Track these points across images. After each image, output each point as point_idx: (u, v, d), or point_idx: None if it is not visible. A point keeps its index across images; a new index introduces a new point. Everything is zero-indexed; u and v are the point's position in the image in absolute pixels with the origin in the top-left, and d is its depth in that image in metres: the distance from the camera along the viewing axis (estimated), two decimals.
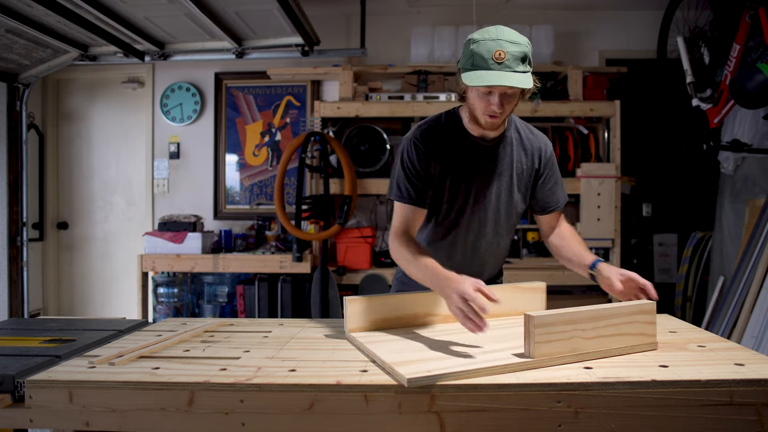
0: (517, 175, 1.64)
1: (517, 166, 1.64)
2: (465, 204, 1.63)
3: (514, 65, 1.39)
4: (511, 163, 1.63)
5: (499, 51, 1.38)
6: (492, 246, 1.70)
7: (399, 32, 4.10)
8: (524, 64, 1.42)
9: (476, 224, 1.65)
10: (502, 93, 1.45)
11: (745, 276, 2.91)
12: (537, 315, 1.20)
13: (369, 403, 1.10)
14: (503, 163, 1.63)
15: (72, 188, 4.48)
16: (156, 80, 4.33)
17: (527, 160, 1.65)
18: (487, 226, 1.66)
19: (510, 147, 1.63)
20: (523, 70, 1.41)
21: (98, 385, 1.15)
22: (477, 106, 1.50)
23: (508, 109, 1.49)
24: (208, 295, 3.92)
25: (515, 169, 1.64)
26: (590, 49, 4.19)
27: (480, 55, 1.40)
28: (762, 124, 3.13)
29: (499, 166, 1.62)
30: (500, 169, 1.62)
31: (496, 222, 1.66)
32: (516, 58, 1.39)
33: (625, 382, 1.10)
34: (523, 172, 1.65)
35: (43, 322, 1.73)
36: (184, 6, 2.82)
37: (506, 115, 1.52)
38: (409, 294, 1.58)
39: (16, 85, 3.59)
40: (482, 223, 1.65)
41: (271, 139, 4.28)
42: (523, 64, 1.41)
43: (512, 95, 1.47)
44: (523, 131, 1.67)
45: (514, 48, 1.40)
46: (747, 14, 2.97)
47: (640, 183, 4.14)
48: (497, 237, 1.69)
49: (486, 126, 1.54)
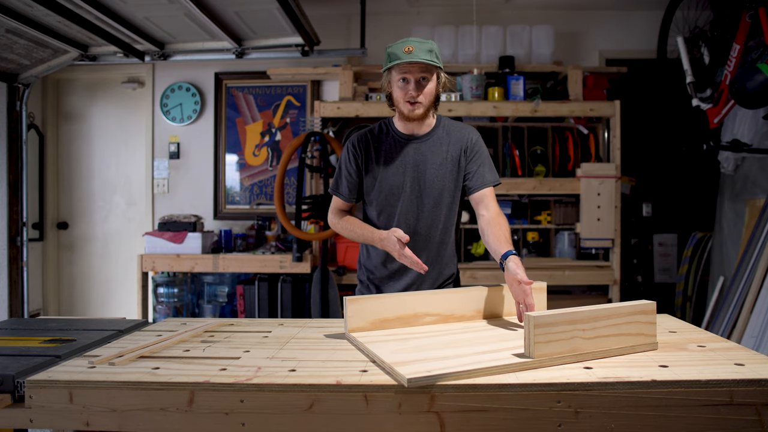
0: (449, 164, 1.84)
1: (447, 157, 1.85)
2: (401, 192, 1.83)
3: (421, 55, 1.69)
4: (442, 155, 1.84)
5: (408, 46, 1.70)
6: (432, 229, 1.85)
7: (399, 32, 4.09)
8: (431, 54, 1.71)
9: (413, 209, 1.84)
10: (417, 80, 1.73)
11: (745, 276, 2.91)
12: (537, 315, 1.20)
13: (369, 403, 1.10)
14: (434, 155, 1.84)
15: (72, 188, 4.48)
16: (156, 80, 4.33)
17: (455, 150, 1.86)
18: (423, 211, 1.83)
19: (439, 141, 1.86)
20: (430, 57, 1.70)
21: (98, 385, 1.15)
22: (398, 97, 1.77)
23: (425, 95, 1.75)
24: (208, 295, 3.92)
25: (446, 160, 1.84)
26: (590, 49, 4.19)
27: (393, 53, 1.73)
28: (762, 124, 3.14)
29: (430, 157, 1.84)
30: (432, 160, 1.84)
31: (434, 206, 1.84)
32: (423, 50, 1.70)
33: (625, 382, 1.09)
34: (454, 160, 1.85)
35: (43, 322, 1.73)
36: (184, 6, 2.82)
37: (426, 103, 1.76)
38: (409, 294, 1.59)
39: (16, 85, 3.59)
40: (419, 208, 1.83)
41: (271, 139, 4.28)
42: (430, 54, 1.71)
43: (426, 81, 1.74)
44: (451, 127, 1.90)
45: (422, 45, 1.71)
46: (747, 14, 2.97)
47: (640, 183, 4.14)
48: (435, 221, 1.85)
49: (409, 114, 1.77)
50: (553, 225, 3.79)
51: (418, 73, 1.73)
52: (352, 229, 1.87)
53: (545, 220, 3.80)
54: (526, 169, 3.76)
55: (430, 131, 1.87)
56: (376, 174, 1.86)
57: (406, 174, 1.83)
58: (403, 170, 1.83)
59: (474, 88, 3.63)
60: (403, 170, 1.83)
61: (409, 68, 1.73)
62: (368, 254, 1.96)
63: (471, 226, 3.69)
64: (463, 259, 3.71)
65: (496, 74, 3.75)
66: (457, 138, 1.87)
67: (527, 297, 1.49)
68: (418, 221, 1.84)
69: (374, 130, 1.91)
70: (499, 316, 1.65)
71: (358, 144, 1.88)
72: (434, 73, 1.77)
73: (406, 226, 1.83)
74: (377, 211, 1.88)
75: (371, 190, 1.88)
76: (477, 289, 1.64)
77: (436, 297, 1.59)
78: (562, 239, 3.83)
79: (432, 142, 1.85)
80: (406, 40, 1.73)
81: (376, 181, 1.86)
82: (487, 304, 1.64)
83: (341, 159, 1.93)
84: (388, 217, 1.87)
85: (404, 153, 1.84)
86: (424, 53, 1.70)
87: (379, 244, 1.77)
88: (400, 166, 1.84)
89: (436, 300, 1.58)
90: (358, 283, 2.02)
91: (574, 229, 3.75)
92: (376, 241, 1.78)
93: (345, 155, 1.91)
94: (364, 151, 1.87)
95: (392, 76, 1.78)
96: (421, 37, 1.79)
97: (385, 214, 1.87)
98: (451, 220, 1.89)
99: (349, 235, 1.90)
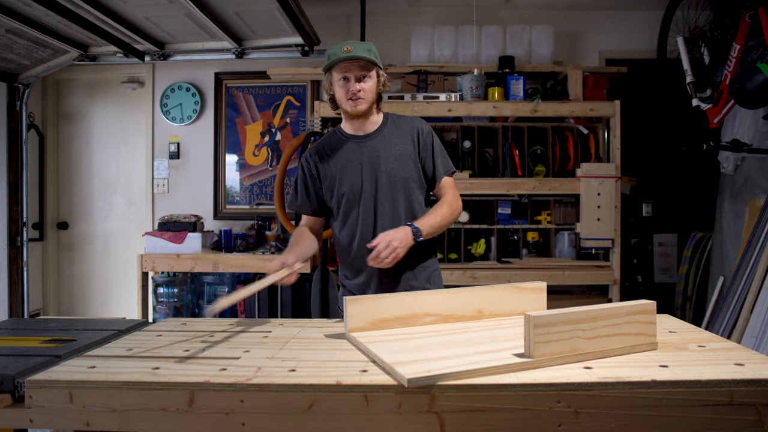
0: (405, 155, 1.87)
1: (402, 149, 1.88)
2: (361, 190, 1.85)
3: (359, 52, 1.75)
4: (397, 147, 1.87)
5: (347, 46, 1.76)
6: (395, 223, 1.84)
7: (399, 32, 4.10)
8: (369, 53, 1.77)
9: (372, 204, 1.85)
10: (357, 78, 1.78)
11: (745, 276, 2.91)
12: (537, 315, 1.20)
13: (369, 403, 1.10)
14: (387, 149, 1.87)
15: (72, 188, 4.48)
16: (156, 80, 4.33)
17: (406, 141, 1.89)
18: (384, 205, 1.85)
19: (389, 135, 1.89)
20: (368, 56, 1.76)
21: (98, 385, 1.15)
22: (341, 96, 1.82)
23: (366, 91, 1.79)
24: (208, 295, 3.92)
25: (401, 152, 1.87)
26: (590, 49, 4.19)
27: (333, 53, 1.78)
28: (762, 124, 3.13)
29: (383, 152, 1.86)
30: (385, 154, 1.86)
31: (393, 200, 1.86)
32: (361, 49, 1.76)
33: (625, 382, 1.09)
34: (406, 152, 1.88)
35: (43, 322, 1.73)
36: (184, 6, 2.82)
37: (368, 98, 1.81)
38: (410, 294, 1.59)
39: (16, 85, 3.59)
40: (381, 203, 1.85)
41: (271, 139, 4.28)
42: (369, 53, 1.77)
43: (366, 79, 1.80)
44: (399, 120, 1.94)
45: (360, 45, 1.78)
46: (747, 14, 2.97)
47: (640, 183, 4.14)
48: (397, 213, 1.86)
49: (352, 111, 1.82)
50: (553, 225, 3.79)
51: (357, 71, 1.78)
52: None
53: (545, 220, 3.79)
54: (526, 169, 3.76)
55: (378, 128, 1.90)
56: (334, 180, 1.88)
57: (363, 172, 1.85)
58: (359, 169, 1.86)
59: (474, 88, 3.63)
60: (360, 169, 1.86)
61: (348, 66, 1.77)
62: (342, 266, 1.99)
63: (471, 226, 3.69)
64: (463, 259, 3.71)
65: (496, 74, 3.75)
66: (407, 130, 1.91)
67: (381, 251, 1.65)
68: (380, 217, 1.85)
69: (323, 140, 1.95)
70: (499, 316, 1.65)
71: (310, 157, 1.92)
72: (373, 70, 1.82)
73: (369, 226, 1.85)
74: (342, 217, 1.89)
75: (332, 196, 1.89)
76: (477, 289, 1.64)
77: (436, 297, 1.59)
78: (562, 239, 3.83)
79: (382, 137, 1.89)
80: (345, 42, 1.79)
81: (335, 186, 1.88)
82: (487, 304, 1.63)
83: (297, 175, 1.96)
84: (352, 223, 1.88)
85: (357, 153, 1.87)
86: (362, 51, 1.75)
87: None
88: (356, 166, 1.86)
89: (436, 300, 1.58)
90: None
91: (574, 229, 3.75)
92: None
93: (300, 172, 1.94)
94: (317, 163, 1.90)
95: (333, 76, 1.82)
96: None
97: (350, 219, 1.88)
98: (415, 209, 1.89)
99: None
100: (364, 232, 1.86)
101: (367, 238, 1.83)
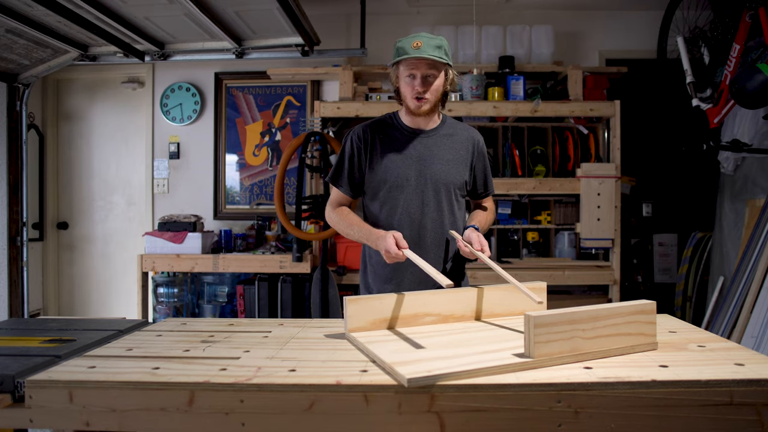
0: (458, 160, 1.87)
1: (456, 154, 1.87)
2: (405, 184, 1.82)
3: (429, 51, 1.68)
4: (450, 151, 1.86)
5: (417, 41, 1.69)
6: (436, 223, 1.84)
7: (399, 32, 4.07)
8: (440, 50, 1.71)
9: (418, 201, 1.82)
10: (423, 76, 1.73)
11: (745, 276, 2.91)
12: (537, 315, 1.20)
13: (369, 403, 1.10)
14: (440, 150, 1.85)
15: (72, 188, 4.48)
16: (156, 80, 4.33)
17: (463, 148, 1.88)
18: (429, 204, 1.83)
19: (446, 137, 1.87)
20: (438, 54, 1.70)
21: (98, 385, 1.15)
22: (406, 92, 1.78)
23: (432, 92, 1.75)
24: (208, 295, 3.92)
25: (455, 156, 1.86)
26: (590, 49, 4.19)
27: (402, 48, 1.72)
28: (762, 124, 3.14)
29: (437, 152, 1.84)
30: (438, 155, 1.84)
31: (439, 201, 1.84)
32: (432, 46, 1.69)
33: (625, 382, 1.09)
34: (463, 158, 1.88)
35: (43, 322, 1.73)
36: (184, 6, 2.82)
37: (432, 99, 1.77)
38: (410, 294, 1.58)
39: (16, 85, 3.59)
40: (424, 202, 1.83)
41: (271, 139, 4.28)
42: (439, 50, 1.71)
43: (433, 78, 1.74)
44: (456, 126, 1.92)
45: (430, 40, 1.70)
46: (747, 14, 2.97)
47: (640, 183, 4.14)
48: (440, 214, 1.85)
49: (415, 110, 1.78)
50: (553, 225, 3.79)
51: (425, 70, 1.72)
52: (348, 224, 1.83)
53: (545, 220, 3.80)
54: (526, 169, 3.76)
55: (437, 127, 1.87)
56: (381, 165, 1.83)
57: (412, 167, 1.82)
58: (408, 163, 1.82)
59: (474, 88, 3.63)
60: (409, 163, 1.82)
61: (416, 64, 1.72)
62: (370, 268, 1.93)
63: None
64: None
65: (496, 74, 3.75)
66: (465, 137, 1.89)
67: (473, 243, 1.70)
68: (423, 215, 1.83)
69: (379, 122, 1.90)
70: (499, 316, 1.65)
71: (363, 135, 1.86)
72: (441, 70, 1.76)
73: (411, 220, 1.82)
74: (380, 203, 1.85)
75: (375, 182, 1.85)
76: (477, 289, 1.64)
77: (436, 297, 1.59)
78: (562, 239, 3.83)
79: (438, 138, 1.86)
80: (416, 35, 1.72)
81: (381, 172, 1.83)
82: (487, 304, 1.64)
83: (343, 149, 1.89)
84: (391, 209, 1.84)
85: (410, 146, 1.84)
86: (432, 49, 1.69)
87: (374, 242, 1.73)
88: (406, 159, 1.83)
89: (436, 300, 1.58)
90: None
91: (574, 229, 3.75)
92: (372, 239, 1.74)
93: (348, 146, 1.87)
94: (368, 143, 1.85)
95: (400, 71, 1.77)
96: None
97: (389, 206, 1.84)
98: (457, 215, 1.88)
99: (343, 230, 1.86)
100: (406, 224, 1.82)
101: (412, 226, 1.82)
